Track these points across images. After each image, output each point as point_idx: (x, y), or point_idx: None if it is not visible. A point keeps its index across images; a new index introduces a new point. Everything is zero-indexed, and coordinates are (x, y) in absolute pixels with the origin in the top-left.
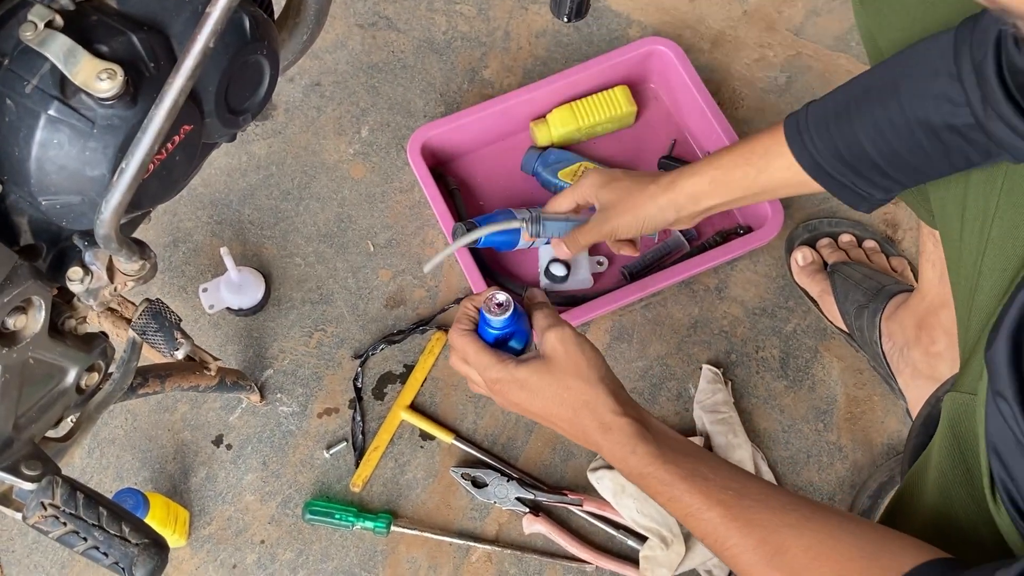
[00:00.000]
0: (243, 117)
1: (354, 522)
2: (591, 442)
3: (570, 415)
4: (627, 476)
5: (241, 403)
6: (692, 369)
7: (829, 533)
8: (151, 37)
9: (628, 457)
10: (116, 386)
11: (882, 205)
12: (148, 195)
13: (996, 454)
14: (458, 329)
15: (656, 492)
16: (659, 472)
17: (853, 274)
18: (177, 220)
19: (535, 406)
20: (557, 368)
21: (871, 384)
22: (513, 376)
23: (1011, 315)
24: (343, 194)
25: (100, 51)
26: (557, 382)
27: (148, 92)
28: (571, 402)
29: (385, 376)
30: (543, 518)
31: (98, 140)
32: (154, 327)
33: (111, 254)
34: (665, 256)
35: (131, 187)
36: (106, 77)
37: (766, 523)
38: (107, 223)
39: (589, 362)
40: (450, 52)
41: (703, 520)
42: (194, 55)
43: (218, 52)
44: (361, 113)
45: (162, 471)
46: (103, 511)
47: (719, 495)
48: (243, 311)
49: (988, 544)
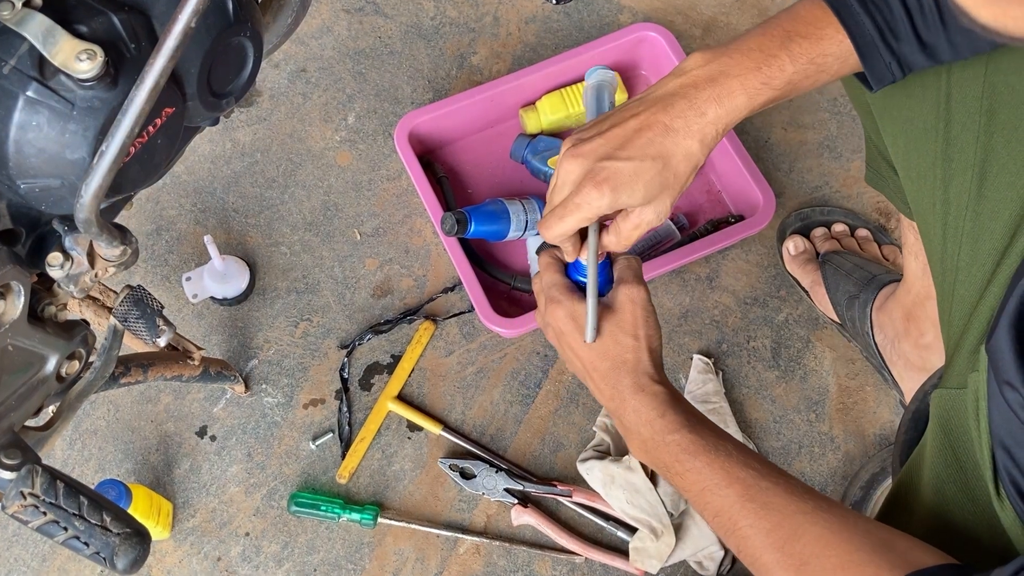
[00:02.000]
0: (226, 100)
1: (340, 514)
2: (618, 399)
3: (607, 367)
4: (644, 445)
5: (225, 394)
6: (683, 359)
7: (842, 524)
8: (132, 17)
9: (655, 420)
10: (97, 375)
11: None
12: (129, 179)
13: (1003, 447)
14: (551, 252)
15: (674, 460)
16: (683, 440)
17: (844, 264)
18: (160, 208)
19: (577, 344)
20: (615, 319)
21: (863, 374)
22: (572, 304)
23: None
24: (329, 182)
25: (80, 31)
26: (608, 332)
27: (129, 73)
28: (614, 355)
29: (372, 366)
30: (532, 509)
31: (78, 122)
32: (136, 314)
33: (91, 239)
34: (655, 245)
35: (111, 170)
36: (86, 58)
37: (782, 508)
38: (87, 207)
39: (648, 329)
40: (438, 38)
41: (719, 496)
42: (175, 35)
43: (200, 33)
44: (347, 100)
45: (145, 462)
46: (84, 500)
47: (739, 472)
48: (227, 301)
49: (986, 543)
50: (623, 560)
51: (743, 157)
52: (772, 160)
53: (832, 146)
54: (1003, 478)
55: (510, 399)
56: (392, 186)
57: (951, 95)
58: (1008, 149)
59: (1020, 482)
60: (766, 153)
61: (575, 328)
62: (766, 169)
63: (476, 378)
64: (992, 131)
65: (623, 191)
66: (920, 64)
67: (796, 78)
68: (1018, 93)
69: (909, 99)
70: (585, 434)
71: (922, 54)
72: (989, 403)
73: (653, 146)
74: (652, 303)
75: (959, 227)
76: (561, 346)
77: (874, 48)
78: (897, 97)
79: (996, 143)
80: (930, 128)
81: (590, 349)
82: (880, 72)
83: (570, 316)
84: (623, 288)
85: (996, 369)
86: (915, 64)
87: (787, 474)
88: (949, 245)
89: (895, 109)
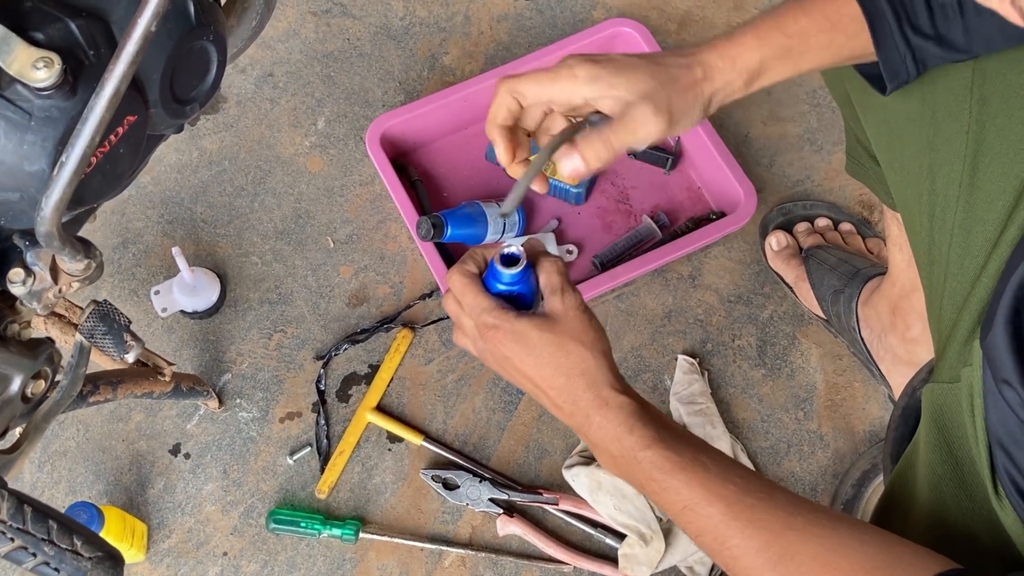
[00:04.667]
0: (190, 107)
1: (321, 530)
2: (580, 415)
3: (563, 382)
4: (614, 462)
5: (199, 410)
6: (667, 360)
7: (839, 541)
8: (90, 24)
9: (623, 437)
10: (64, 394)
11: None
12: (91, 191)
13: (1001, 447)
14: (461, 269)
15: (648, 479)
16: (656, 457)
17: (828, 258)
18: (126, 220)
19: (527, 365)
20: (560, 330)
21: (851, 370)
22: (512, 326)
23: (1006, 300)
24: (300, 189)
25: (36, 39)
26: (557, 344)
27: (88, 81)
28: (568, 368)
29: (349, 377)
30: (518, 519)
31: (36, 133)
32: (102, 330)
33: (54, 254)
34: (636, 244)
35: (72, 182)
36: (42, 66)
37: (771, 524)
38: (48, 221)
39: (595, 333)
40: (408, 39)
41: (701, 516)
42: (134, 41)
43: (161, 38)
44: (317, 104)
45: (117, 483)
46: (53, 524)
47: (720, 489)
48: (198, 313)
49: (985, 541)
50: (612, 568)
51: (723, 152)
52: (752, 155)
53: (813, 139)
54: (1002, 478)
55: (492, 406)
56: (365, 191)
57: (937, 83)
58: (1001, 138)
59: (1020, 483)
60: (746, 148)
61: (523, 350)
62: (746, 164)
63: (457, 386)
64: (984, 120)
65: (612, 73)
66: (935, 58)
67: (810, 30)
68: (1009, 82)
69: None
70: (570, 440)
71: (938, 46)
72: (986, 401)
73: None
74: (587, 306)
75: (948, 218)
76: (507, 371)
77: (889, 36)
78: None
79: (988, 132)
80: (915, 117)
81: (541, 367)
82: (894, 63)
83: (513, 338)
84: (556, 296)
85: (993, 367)
86: (928, 55)
87: (771, 485)
88: (937, 237)
89: (877, 99)
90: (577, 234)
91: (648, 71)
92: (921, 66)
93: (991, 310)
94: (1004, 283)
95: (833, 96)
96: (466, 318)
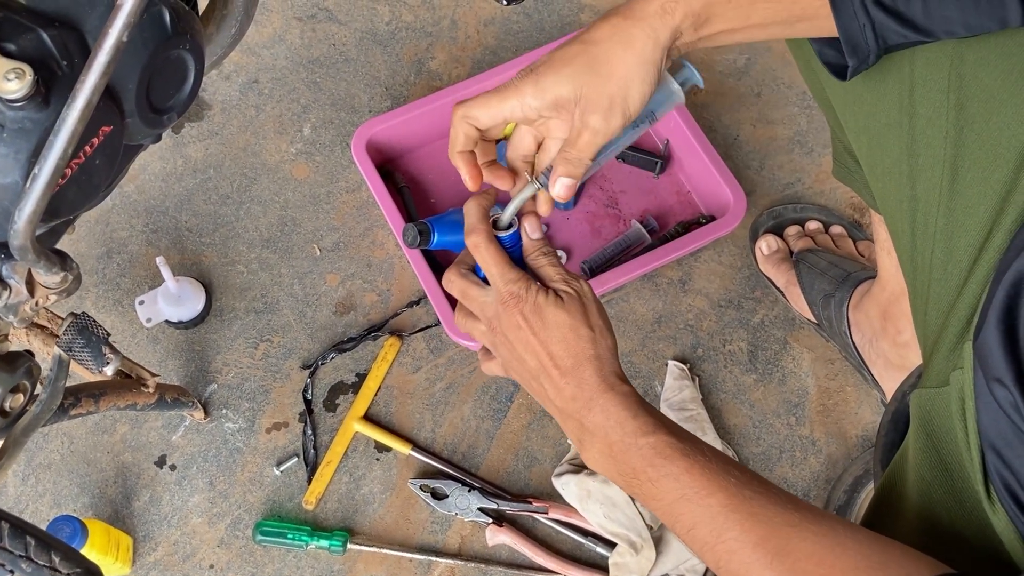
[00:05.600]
0: (168, 116)
1: (308, 541)
2: (583, 397)
3: (572, 363)
4: (610, 449)
5: (184, 421)
6: (658, 366)
7: (835, 540)
8: (63, 34)
9: (627, 421)
10: (44, 407)
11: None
12: (67, 202)
13: (993, 449)
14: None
15: (647, 465)
16: (658, 442)
17: (818, 262)
18: (110, 230)
19: (540, 337)
20: (575, 312)
21: (843, 375)
22: (535, 298)
23: (997, 301)
24: (286, 196)
25: (7, 50)
26: (571, 327)
27: (61, 92)
28: (578, 351)
29: (336, 386)
30: (507, 528)
31: (8, 145)
32: (80, 343)
33: (29, 266)
34: (625, 249)
35: (45, 194)
36: (14, 77)
37: (769, 519)
38: (22, 233)
39: (605, 323)
40: (395, 44)
41: (700, 507)
42: (106, 50)
43: (136, 47)
44: (302, 110)
45: (102, 496)
46: (31, 540)
47: (720, 480)
48: (183, 323)
49: (974, 546)
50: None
51: (712, 156)
52: (742, 158)
53: (803, 141)
54: (994, 481)
55: (481, 414)
56: (352, 198)
57: (915, 89)
58: (980, 143)
59: (1013, 485)
60: (735, 151)
61: (540, 322)
62: (736, 167)
63: (445, 394)
64: (962, 125)
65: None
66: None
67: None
68: (987, 87)
69: (871, 93)
70: (560, 448)
71: (898, 23)
72: (977, 402)
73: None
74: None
75: (930, 224)
76: (516, 342)
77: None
78: (859, 91)
79: (967, 138)
80: (894, 123)
81: (550, 338)
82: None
83: (533, 309)
84: (564, 283)
85: (985, 367)
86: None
87: (767, 482)
88: (919, 243)
89: (856, 104)
90: (566, 239)
91: (583, 61)
92: (881, 42)
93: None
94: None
95: (816, 99)
96: (477, 290)
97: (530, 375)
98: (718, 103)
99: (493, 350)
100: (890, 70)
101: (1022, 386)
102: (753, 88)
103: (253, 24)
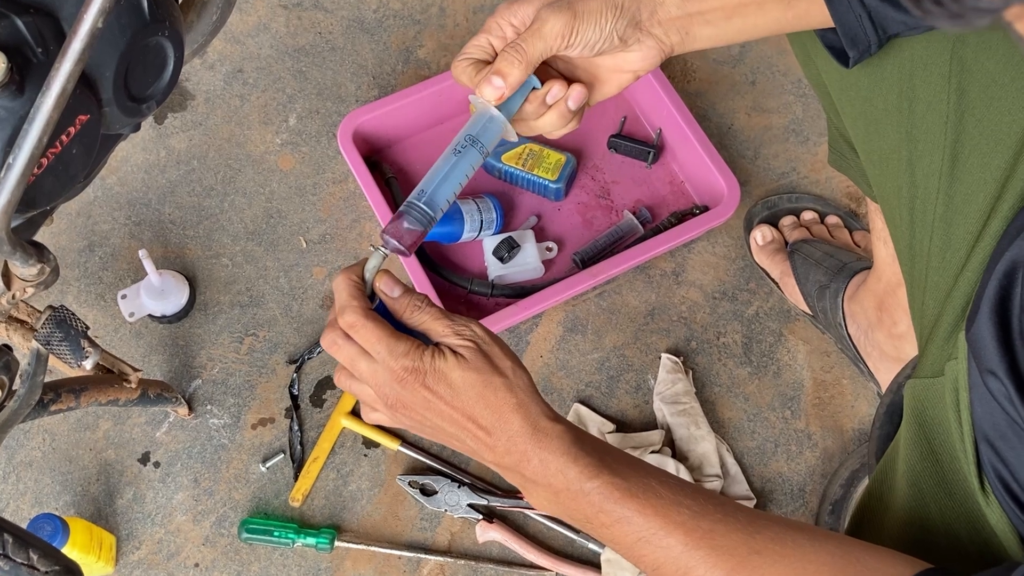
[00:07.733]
0: (147, 105)
1: (295, 539)
2: (517, 452)
3: (494, 420)
4: (557, 498)
5: (168, 417)
6: (651, 359)
7: (803, 557)
8: (38, 20)
9: (566, 468)
10: (22, 403)
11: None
12: (44, 193)
13: (986, 441)
14: (354, 308)
15: (598, 512)
16: (605, 487)
17: (813, 253)
18: (92, 222)
19: (455, 404)
20: (481, 364)
21: (839, 367)
22: (432, 366)
23: (990, 291)
24: (271, 187)
25: None
26: (482, 381)
27: (37, 80)
28: (497, 404)
29: (323, 381)
30: (498, 524)
31: None
32: (59, 336)
33: (5, 258)
34: (618, 241)
35: (20, 184)
36: None
37: (734, 549)
38: None
39: (513, 360)
40: (382, 31)
41: (659, 548)
42: (81, 37)
43: (113, 34)
44: (288, 100)
45: (85, 494)
46: (8, 538)
47: (676, 515)
48: (166, 318)
49: (964, 538)
50: (595, 572)
51: (705, 145)
52: (736, 147)
53: (798, 130)
54: (988, 473)
55: None
56: (338, 189)
57: (915, 73)
58: (980, 129)
59: (1006, 477)
60: (730, 140)
61: (449, 389)
62: (730, 157)
63: None
64: (963, 111)
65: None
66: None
67: None
68: (989, 71)
69: (869, 78)
70: None
71: (894, 9)
72: (971, 394)
73: None
74: (496, 335)
75: (929, 211)
76: (431, 413)
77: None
78: (856, 76)
79: (967, 123)
80: (892, 109)
81: (464, 402)
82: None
83: (436, 378)
84: (455, 337)
85: (978, 358)
86: (888, 20)
87: (724, 503)
88: (918, 231)
89: (853, 89)
90: (557, 231)
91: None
92: (881, 31)
93: (976, 301)
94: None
95: (811, 85)
96: (366, 365)
97: (451, 437)
98: (712, 91)
99: (394, 423)
100: (889, 55)
101: (1015, 378)
102: (748, 76)
103: (237, 12)
